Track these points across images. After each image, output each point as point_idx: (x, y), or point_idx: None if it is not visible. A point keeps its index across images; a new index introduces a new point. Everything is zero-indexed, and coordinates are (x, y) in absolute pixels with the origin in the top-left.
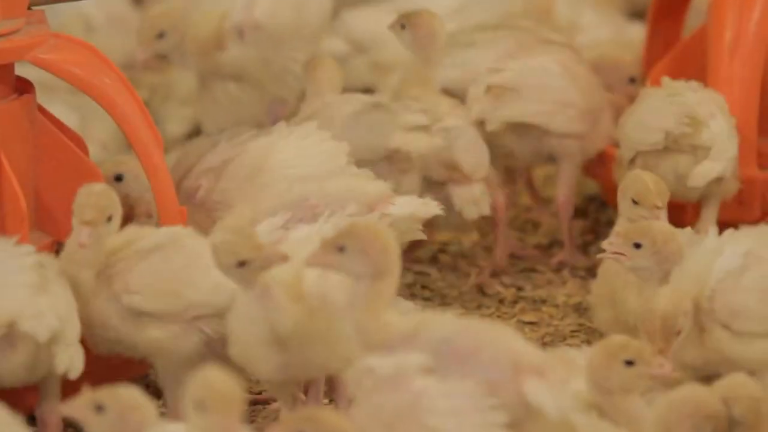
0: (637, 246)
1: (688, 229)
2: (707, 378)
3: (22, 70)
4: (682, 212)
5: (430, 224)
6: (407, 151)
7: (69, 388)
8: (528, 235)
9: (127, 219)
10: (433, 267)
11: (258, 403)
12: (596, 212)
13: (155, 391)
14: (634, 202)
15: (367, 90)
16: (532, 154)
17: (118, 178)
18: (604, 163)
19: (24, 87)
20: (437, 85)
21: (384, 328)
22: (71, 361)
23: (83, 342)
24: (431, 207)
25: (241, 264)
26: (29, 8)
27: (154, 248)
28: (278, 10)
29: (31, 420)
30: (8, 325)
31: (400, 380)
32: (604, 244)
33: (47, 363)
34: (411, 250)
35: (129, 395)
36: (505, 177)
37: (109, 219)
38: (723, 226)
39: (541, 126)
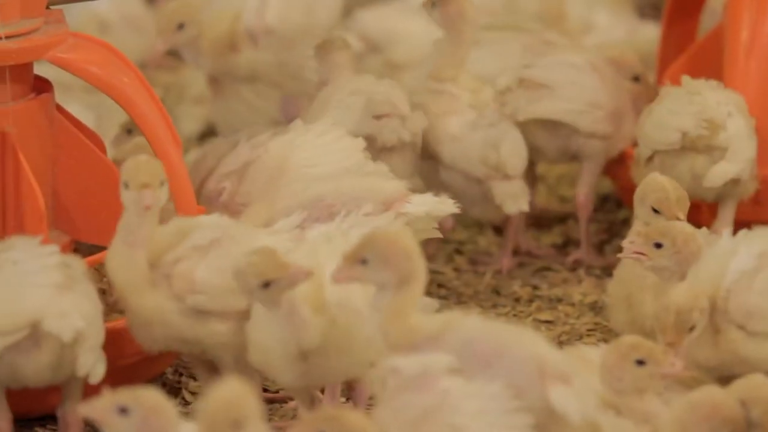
0: (658, 246)
1: (704, 229)
2: (727, 379)
3: (38, 69)
4: (697, 212)
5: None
6: (375, 138)
7: (91, 387)
8: (543, 234)
9: None
10: (449, 266)
11: (275, 402)
12: (611, 211)
13: (172, 391)
14: (655, 211)
15: None
16: (558, 152)
17: None
18: (621, 163)
19: (43, 86)
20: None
21: (409, 331)
22: (94, 365)
23: (114, 342)
24: (447, 205)
25: (267, 284)
26: (47, 8)
27: (210, 244)
28: (289, 13)
29: (52, 419)
30: (32, 325)
31: (426, 380)
32: (624, 243)
33: (71, 364)
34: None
35: (152, 397)
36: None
37: (161, 184)
38: (739, 225)
39: (571, 125)
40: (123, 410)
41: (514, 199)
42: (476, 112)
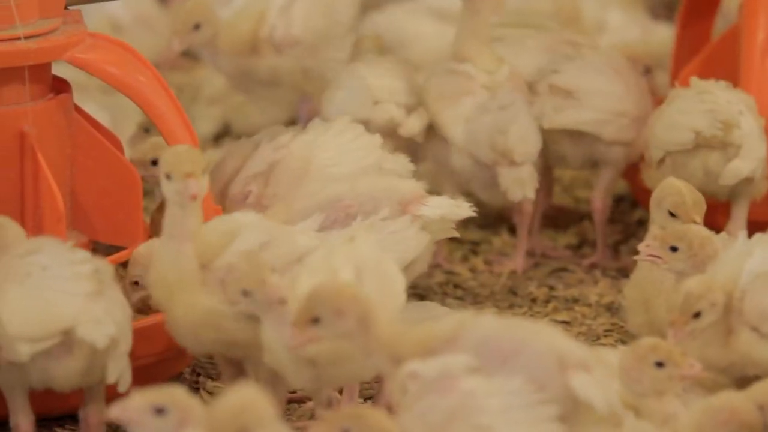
0: (674, 249)
1: (724, 234)
2: (746, 380)
3: (55, 69)
4: (713, 213)
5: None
6: (374, 123)
7: (110, 388)
8: (558, 235)
9: (162, 206)
10: (465, 266)
11: (292, 402)
12: (626, 212)
13: (189, 391)
14: (671, 214)
15: None
16: (581, 160)
17: (155, 162)
18: (636, 165)
19: (61, 86)
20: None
21: (420, 340)
22: (122, 372)
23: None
24: (463, 208)
25: (246, 294)
26: (66, 8)
27: (260, 248)
28: (312, 20)
29: (71, 419)
30: (65, 333)
31: (447, 382)
32: (641, 246)
33: (101, 369)
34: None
35: (184, 396)
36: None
37: (203, 173)
38: (753, 226)
39: (595, 134)
40: (160, 410)
41: (520, 185)
42: (489, 93)
